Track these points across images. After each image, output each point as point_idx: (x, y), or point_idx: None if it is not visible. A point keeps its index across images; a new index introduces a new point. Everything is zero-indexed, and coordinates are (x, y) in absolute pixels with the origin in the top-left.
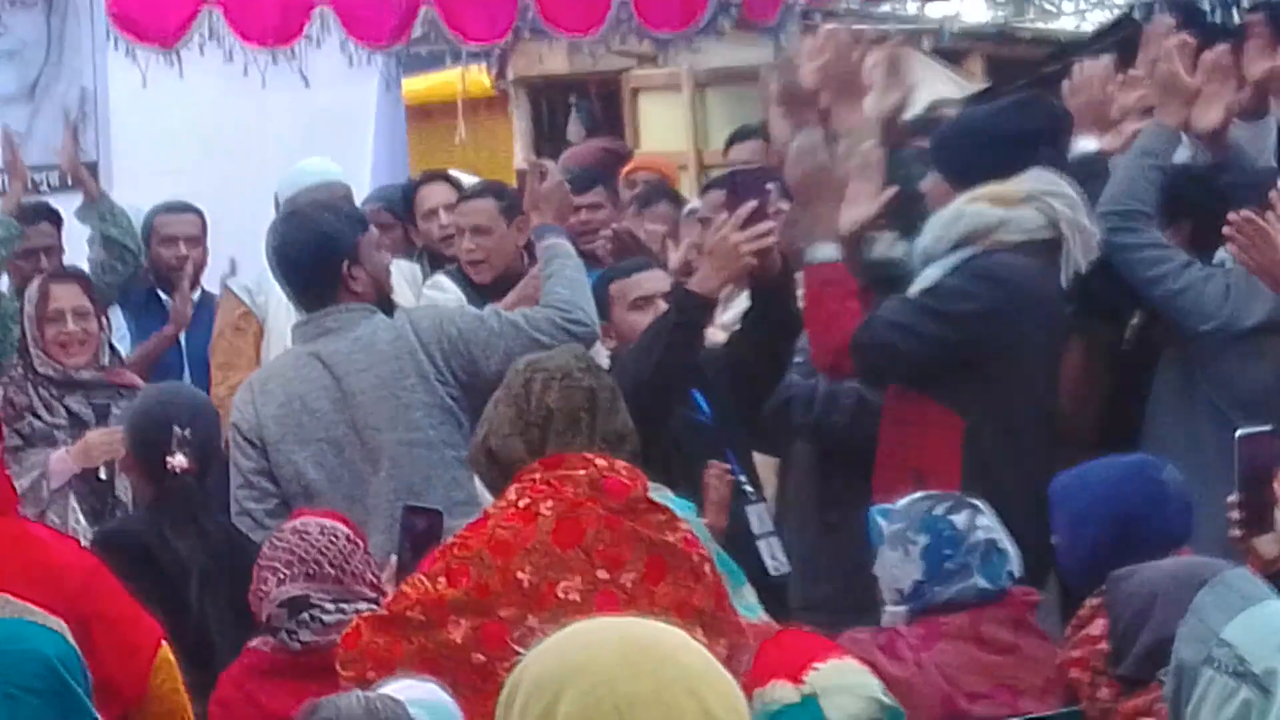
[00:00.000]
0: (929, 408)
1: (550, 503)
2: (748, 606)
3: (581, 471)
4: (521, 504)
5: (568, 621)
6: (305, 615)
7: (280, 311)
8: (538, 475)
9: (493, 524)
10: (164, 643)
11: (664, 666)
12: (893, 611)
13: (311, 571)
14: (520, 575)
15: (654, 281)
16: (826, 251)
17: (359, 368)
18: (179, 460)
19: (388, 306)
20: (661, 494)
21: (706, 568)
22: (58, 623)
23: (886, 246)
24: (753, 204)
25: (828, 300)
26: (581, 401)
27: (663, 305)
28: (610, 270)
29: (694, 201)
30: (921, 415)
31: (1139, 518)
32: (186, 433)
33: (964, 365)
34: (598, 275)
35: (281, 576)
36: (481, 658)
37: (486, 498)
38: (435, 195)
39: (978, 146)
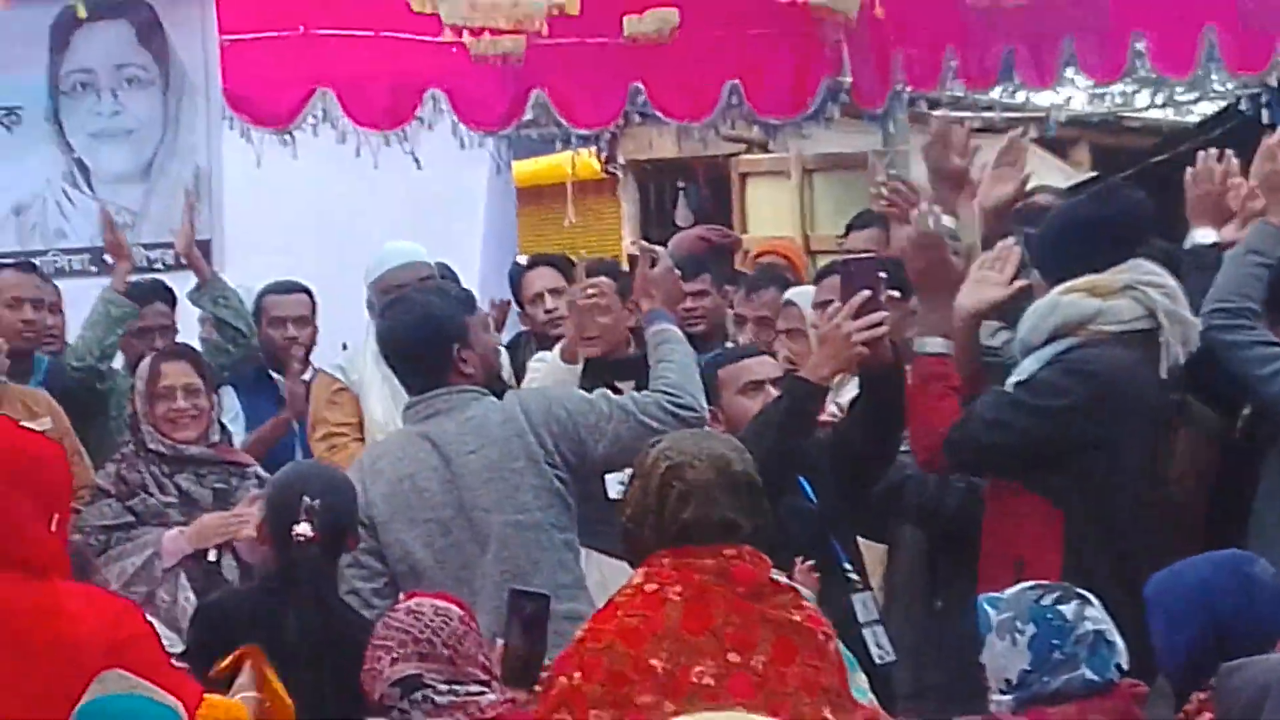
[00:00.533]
0: (1027, 498)
1: (679, 588)
2: (860, 690)
3: (710, 560)
4: (649, 588)
5: (706, 708)
6: (418, 695)
7: (373, 389)
8: (666, 561)
9: (621, 613)
10: (205, 700)
11: None
12: (999, 700)
13: (425, 651)
14: (654, 662)
15: (764, 367)
16: (935, 344)
17: (468, 449)
18: (303, 529)
19: (497, 387)
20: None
21: (831, 646)
22: (173, 701)
23: (987, 335)
24: (866, 293)
25: (929, 395)
26: (715, 522)
27: (772, 391)
28: (720, 355)
29: (790, 291)
30: (1020, 506)
31: (1231, 614)
32: (316, 503)
33: (1059, 457)
34: (707, 360)
35: (395, 656)
36: None
37: (593, 581)
38: (542, 279)
39: (1074, 238)
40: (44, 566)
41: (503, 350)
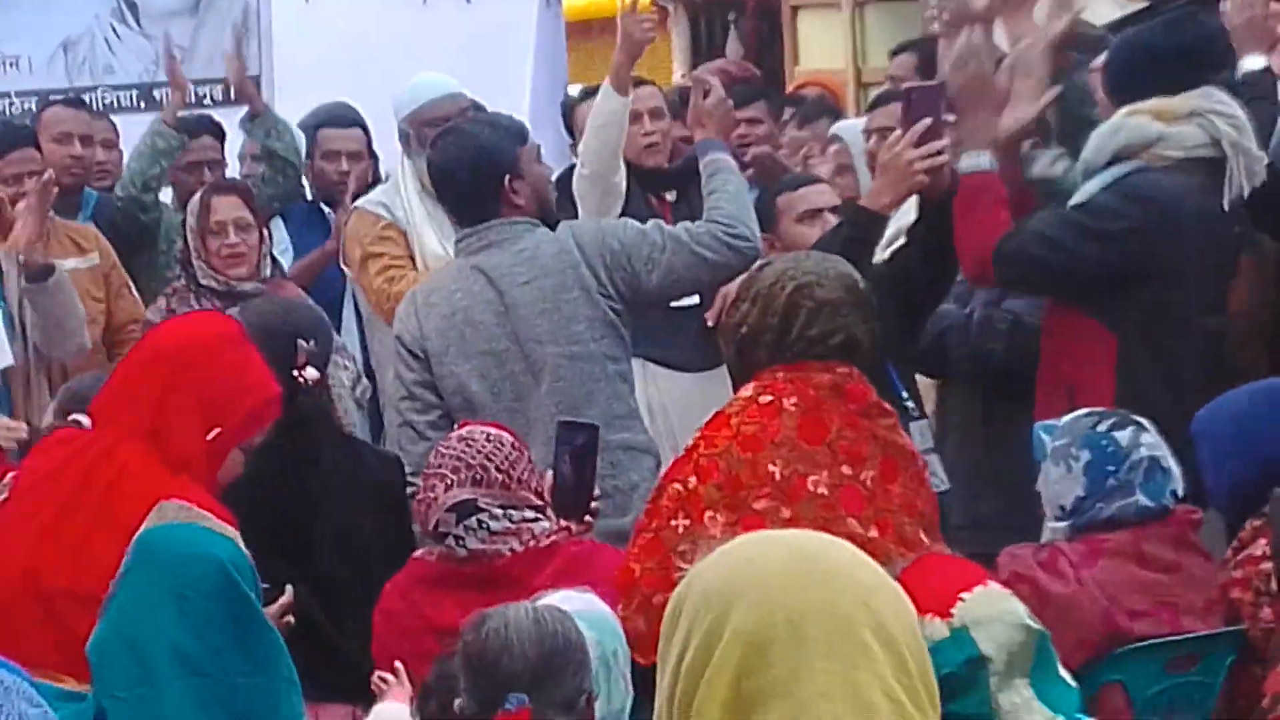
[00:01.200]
0: (1081, 323)
1: (794, 399)
2: None
3: (824, 376)
4: (763, 400)
5: (820, 515)
6: (473, 521)
7: (423, 224)
8: (780, 375)
9: (736, 421)
10: None
11: (836, 578)
12: (1054, 528)
13: (479, 477)
14: (771, 468)
15: (821, 195)
16: (980, 160)
17: (521, 281)
18: (311, 373)
19: (549, 219)
20: None
21: (926, 474)
22: (230, 530)
23: (1048, 164)
24: (927, 121)
25: (977, 208)
26: (841, 338)
27: (830, 219)
28: (777, 183)
29: (837, 125)
30: (1075, 330)
31: (1276, 444)
32: (312, 344)
33: (1114, 282)
34: (764, 188)
35: (449, 482)
36: None
37: (645, 410)
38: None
39: (1145, 62)
40: (181, 466)
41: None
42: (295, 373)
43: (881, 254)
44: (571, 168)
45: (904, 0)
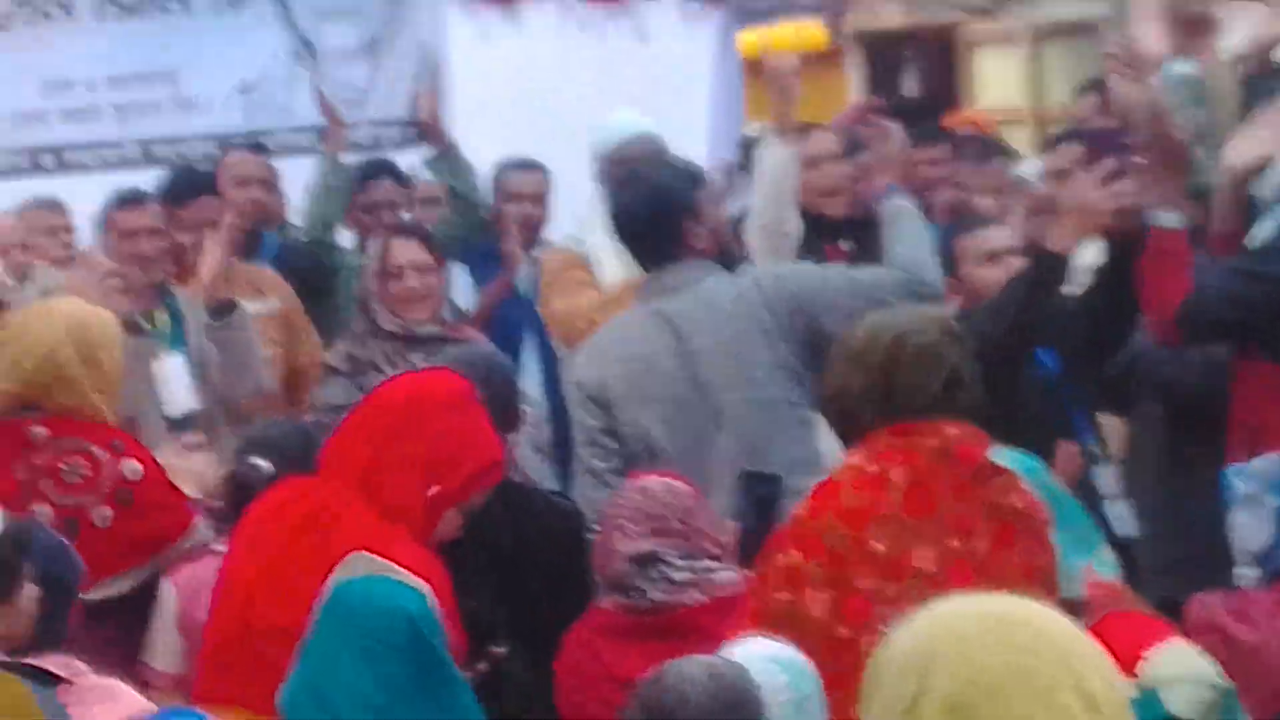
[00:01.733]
0: (1267, 366)
1: (900, 469)
2: (1105, 564)
3: (932, 440)
4: (871, 470)
5: (926, 593)
6: (654, 572)
7: (612, 259)
8: (887, 441)
9: (842, 494)
10: None
11: (1036, 640)
12: (1244, 575)
13: (658, 527)
14: (875, 546)
15: (1002, 237)
16: (1168, 219)
17: (701, 326)
18: None
19: (729, 261)
20: (1002, 453)
21: (1048, 530)
22: (419, 582)
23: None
24: (1112, 162)
25: (1164, 271)
26: (939, 378)
27: (1013, 261)
28: (958, 226)
29: (1028, 161)
30: (1261, 372)
31: None
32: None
33: None
34: (945, 230)
35: (629, 532)
36: (845, 631)
37: (828, 456)
38: None
39: None
40: (398, 518)
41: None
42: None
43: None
44: (748, 208)
45: (1082, 37)
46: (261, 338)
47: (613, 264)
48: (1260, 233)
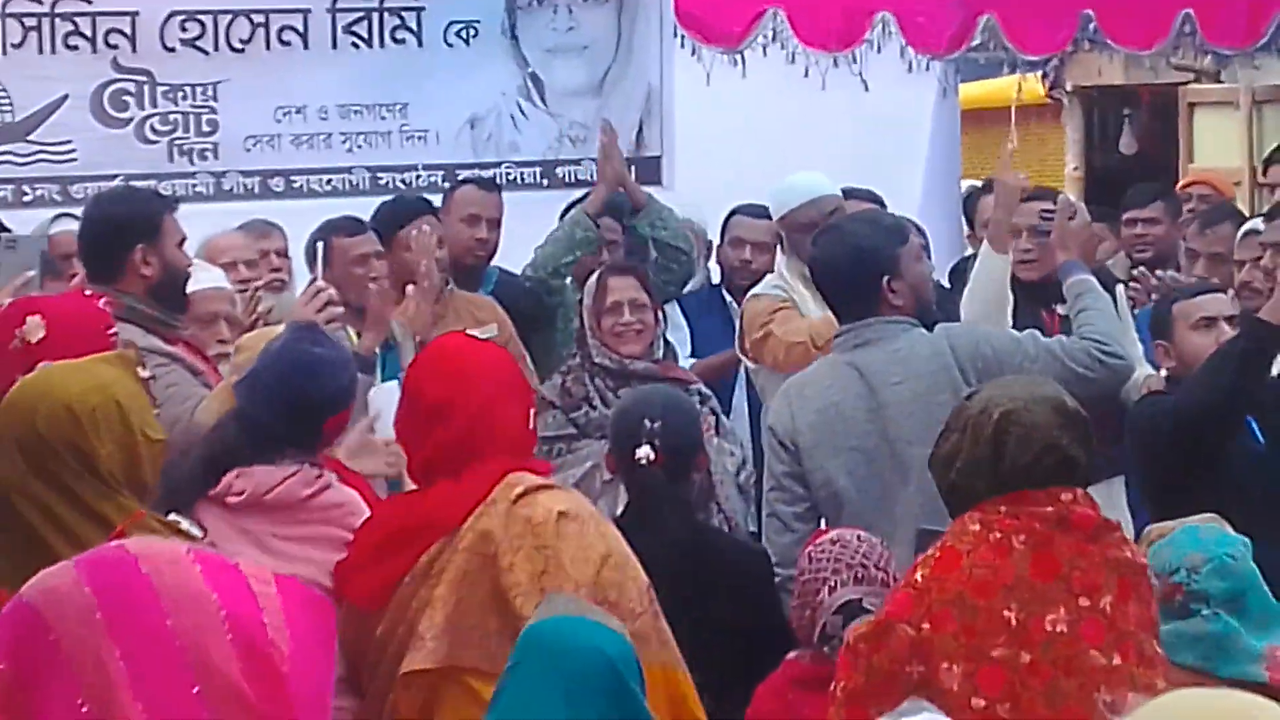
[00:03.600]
0: None
1: (1023, 536)
2: None
3: (1049, 508)
4: (993, 539)
5: (1060, 654)
6: (859, 620)
7: (809, 304)
8: (1004, 509)
9: (967, 563)
10: None
11: None
12: None
13: (860, 575)
14: (1006, 614)
15: (1218, 303)
16: None
17: (894, 380)
18: (645, 451)
19: (928, 319)
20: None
21: (1149, 579)
22: (618, 624)
23: None
24: None
25: None
26: (1049, 457)
27: (1226, 328)
28: (1175, 291)
29: (1253, 221)
30: None
31: None
32: (657, 426)
33: None
34: (1160, 297)
35: (832, 584)
36: (981, 702)
37: None
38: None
39: None
40: (527, 453)
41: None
42: (634, 451)
43: None
44: (966, 258)
45: None
46: None
47: (814, 311)
48: None
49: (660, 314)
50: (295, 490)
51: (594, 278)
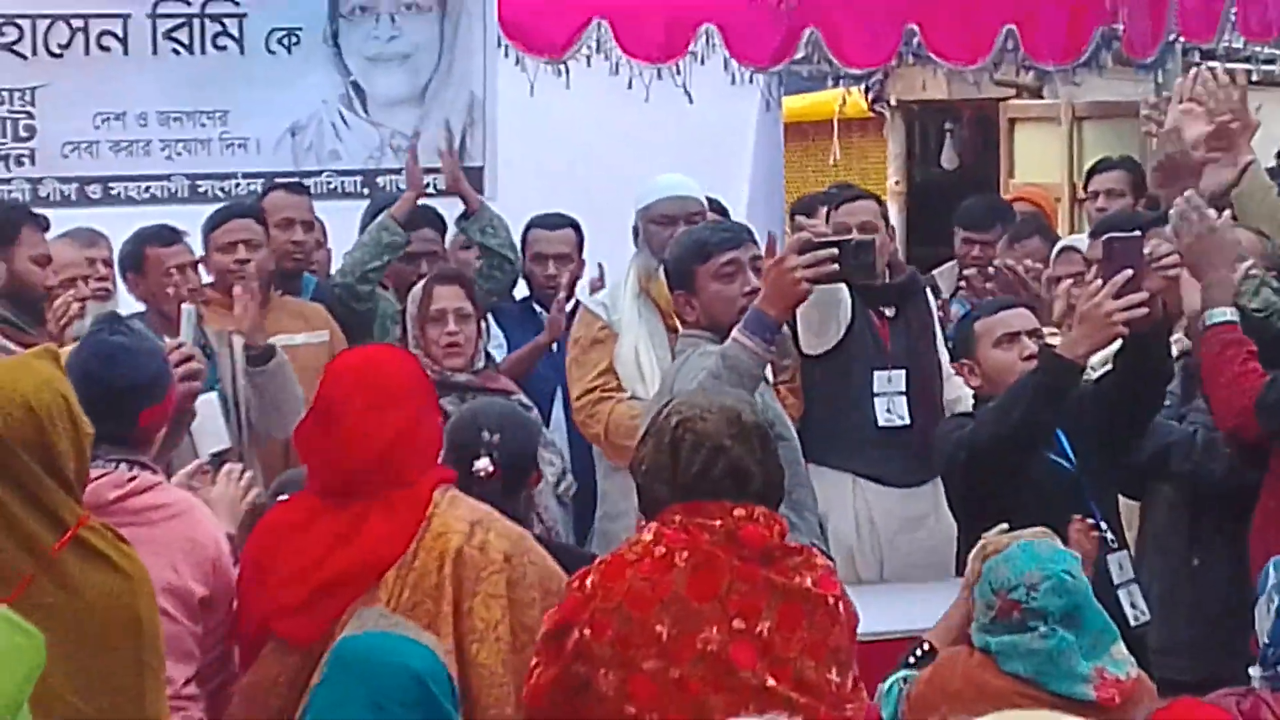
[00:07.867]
0: None
1: (686, 553)
2: (1117, 664)
3: (718, 522)
4: (659, 552)
5: (708, 671)
6: None
7: (631, 327)
8: (678, 519)
9: (631, 573)
10: None
11: None
12: (1254, 673)
13: None
14: (659, 629)
15: (1020, 319)
16: (1221, 314)
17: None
18: (483, 464)
19: (722, 337)
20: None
21: (841, 607)
22: (430, 638)
23: (1250, 294)
24: (1128, 273)
25: (1229, 363)
26: (719, 467)
27: (1027, 343)
28: (976, 308)
29: (1071, 237)
30: None
31: None
32: (495, 438)
33: None
34: (963, 314)
35: None
36: (633, 710)
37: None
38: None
39: None
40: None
41: None
42: (472, 463)
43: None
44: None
45: (1122, 117)
46: (310, 369)
47: (635, 333)
48: None
49: (483, 324)
50: (102, 493)
51: (419, 286)
